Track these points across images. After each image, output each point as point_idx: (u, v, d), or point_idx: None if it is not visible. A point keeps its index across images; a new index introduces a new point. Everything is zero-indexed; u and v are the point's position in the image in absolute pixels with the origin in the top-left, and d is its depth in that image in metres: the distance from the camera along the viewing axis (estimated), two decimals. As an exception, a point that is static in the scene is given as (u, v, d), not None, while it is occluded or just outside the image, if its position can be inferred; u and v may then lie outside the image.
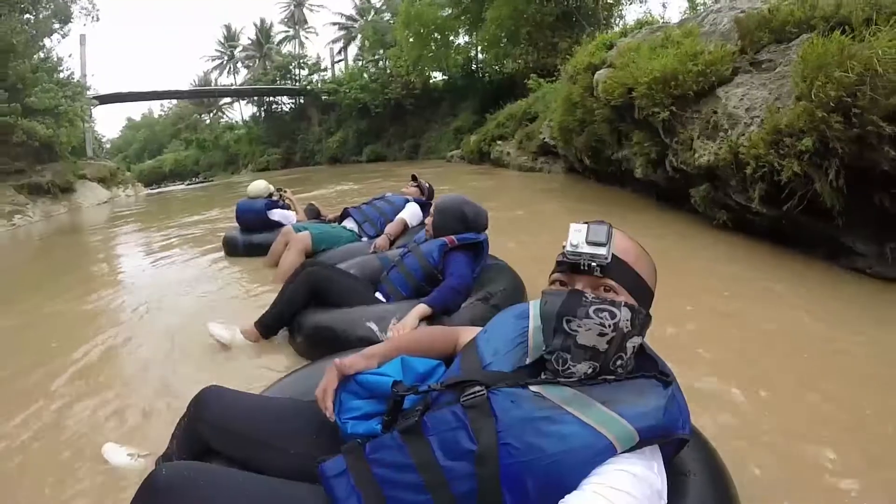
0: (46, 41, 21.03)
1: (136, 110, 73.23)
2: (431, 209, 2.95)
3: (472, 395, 1.05)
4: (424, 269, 2.72)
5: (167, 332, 3.29)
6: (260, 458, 1.29)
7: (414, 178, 5.16)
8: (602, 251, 1.03)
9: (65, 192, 18.33)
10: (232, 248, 5.51)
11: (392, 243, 4.06)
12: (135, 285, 4.85)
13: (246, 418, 1.37)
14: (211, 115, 58.10)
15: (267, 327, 2.83)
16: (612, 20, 21.04)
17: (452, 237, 2.69)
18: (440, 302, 2.43)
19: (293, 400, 1.52)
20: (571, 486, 0.91)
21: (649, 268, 1.15)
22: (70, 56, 22.30)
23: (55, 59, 20.91)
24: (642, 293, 1.10)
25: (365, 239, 4.46)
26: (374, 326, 2.43)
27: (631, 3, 22.12)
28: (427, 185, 5.08)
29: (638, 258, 1.11)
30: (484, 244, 2.81)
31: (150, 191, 28.56)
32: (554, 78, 13.33)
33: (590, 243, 1.03)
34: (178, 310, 3.78)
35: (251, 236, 5.35)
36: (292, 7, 52.69)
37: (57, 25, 21.34)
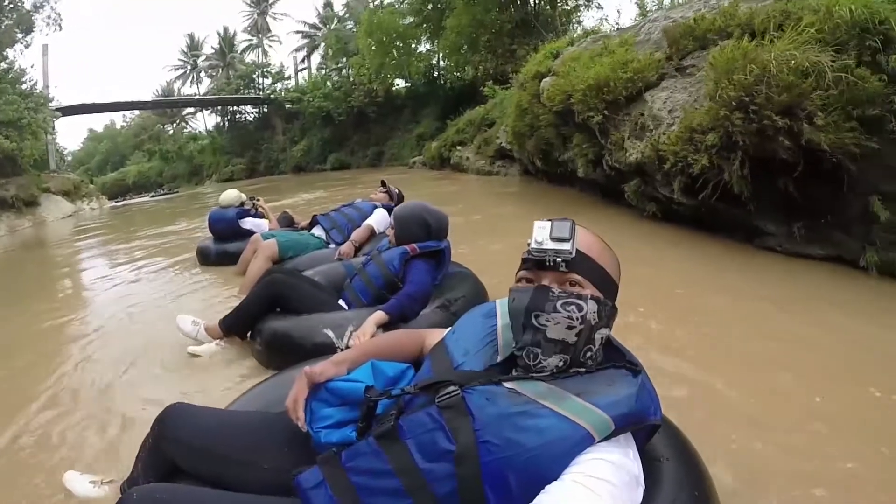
0: (9, 52, 20.70)
1: (98, 121, 71.32)
2: (391, 218, 2.96)
3: (447, 396, 1.06)
4: (385, 276, 2.74)
5: (131, 348, 3.25)
6: (231, 474, 1.27)
7: (383, 184, 5.14)
8: (566, 246, 1.05)
9: (29, 205, 18.04)
10: (205, 258, 5.55)
11: (358, 250, 4.08)
12: (100, 299, 4.84)
13: (214, 434, 1.34)
14: (174, 125, 57.32)
15: (228, 327, 2.88)
16: (571, 27, 21.36)
17: (414, 245, 2.71)
18: (397, 309, 2.46)
19: (261, 413, 1.51)
20: (553, 478, 0.93)
21: (613, 261, 1.16)
22: (32, 66, 21.87)
23: (18, 70, 20.57)
24: (607, 286, 1.12)
25: (332, 246, 4.47)
26: (330, 333, 2.46)
27: (588, 10, 22.62)
28: (396, 190, 5.03)
29: (601, 252, 1.13)
30: (445, 251, 2.83)
31: (115, 203, 28.07)
32: (510, 84, 13.70)
33: (554, 239, 1.06)
34: (144, 322, 3.80)
35: (224, 245, 5.36)
36: (255, 16, 52.21)
37: (20, 35, 21.00)
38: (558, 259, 1.05)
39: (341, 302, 2.89)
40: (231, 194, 5.60)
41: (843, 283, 3.27)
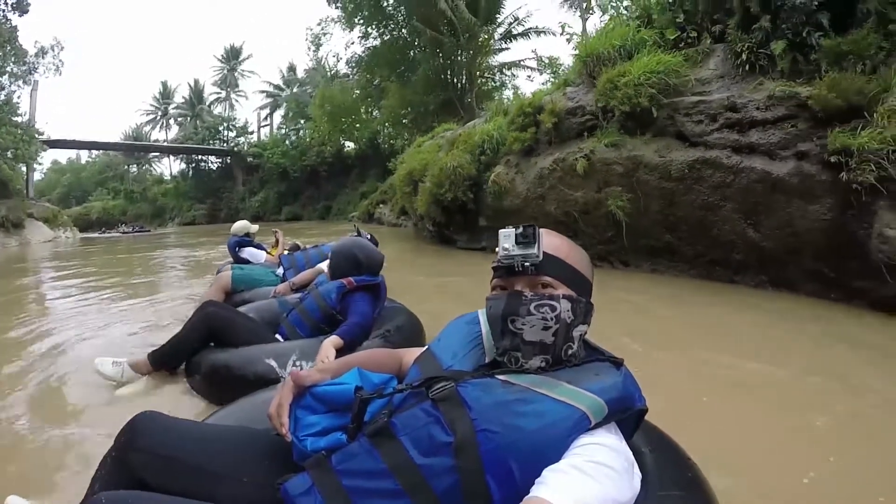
0: (3, 81, 22.12)
1: (62, 154, 70.33)
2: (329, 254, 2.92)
3: (441, 389, 1.04)
4: (322, 309, 2.75)
5: (73, 374, 3.07)
6: (208, 490, 1.13)
7: (356, 230, 5.22)
8: (533, 250, 1.05)
9: (16, 227, 19.60)
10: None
11: (300, 290, 3.87)
12: (56, 323, 4.65)
13: (190, 445, 1.20)
14: (140, 166, 58.63)
15: (158, 361, 2.78)
16: (493, 104, 23.99)
17: (350, 279, 2.74)
18: (349, 335, 2.45)
19: (239, 426, 1.44)
20: (553, 463, 0.91)
21: (582, 258, 1.15)
22: (19, 97, 23.95)
23: (14, 102, 22.12)
24: (580, 283, 1.11)
25: None
26: (273, 363, 2.42)
27: (504, 91, 25.68)
28: (368, 235, 4.73)
29: (569, 251, 1.12)
30: (381, 286, 2.86)
31: (92, 234, 29.37)
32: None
33: (520, 245, 1.05)
34: (93, 348, 3.65)
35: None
36: (225, 71, 55.42)
37: (12, 68, 22.32)
38: (527, 263, 1.05)
39: (278, 336, 2.89)
40: (238, 225, 5.99)
41: (480, 259, 7.26)
